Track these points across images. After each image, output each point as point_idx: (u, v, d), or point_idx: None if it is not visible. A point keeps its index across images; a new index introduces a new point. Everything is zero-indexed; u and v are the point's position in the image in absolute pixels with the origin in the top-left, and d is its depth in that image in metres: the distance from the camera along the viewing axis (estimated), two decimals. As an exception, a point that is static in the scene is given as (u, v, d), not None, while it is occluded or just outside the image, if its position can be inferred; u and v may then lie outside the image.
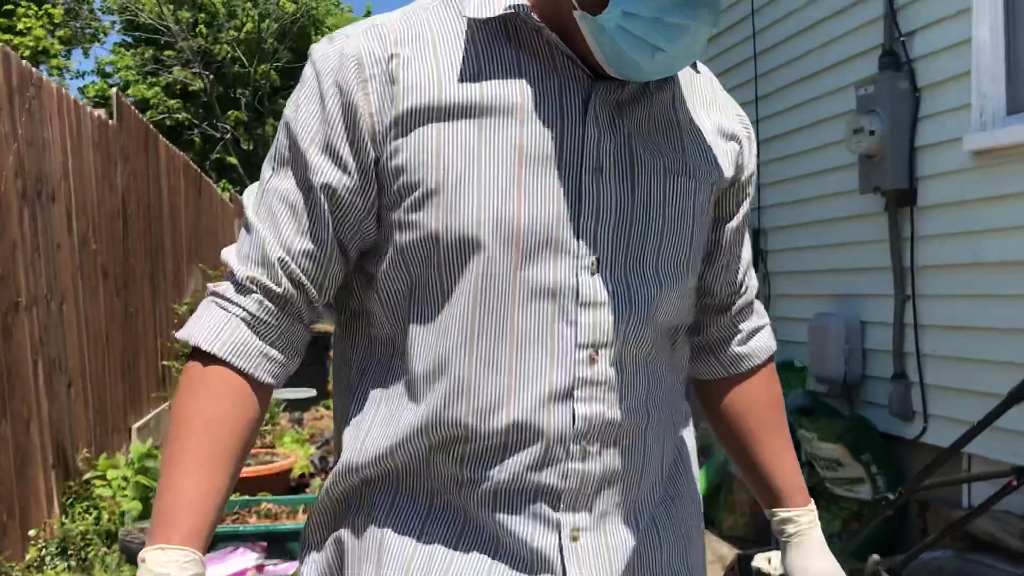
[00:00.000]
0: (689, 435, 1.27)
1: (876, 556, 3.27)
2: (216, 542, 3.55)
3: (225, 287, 1.05)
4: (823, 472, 4.19)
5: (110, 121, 5.64)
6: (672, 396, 1.18)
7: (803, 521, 1.28)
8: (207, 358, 1.03)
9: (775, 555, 3.76)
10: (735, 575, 3.40)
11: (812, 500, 1.32)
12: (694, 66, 1.18)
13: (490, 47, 1.05)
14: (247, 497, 4.17)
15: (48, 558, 3.41)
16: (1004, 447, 3.32)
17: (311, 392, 7.14)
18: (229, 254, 1.07)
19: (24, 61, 4.16)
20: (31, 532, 3.58)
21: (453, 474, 1.06)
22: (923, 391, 3.90)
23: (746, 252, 1.27)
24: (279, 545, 3.72)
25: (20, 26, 17.34)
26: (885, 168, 3.91)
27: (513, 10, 1.02)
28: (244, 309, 1.04)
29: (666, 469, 1.19)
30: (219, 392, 1.02)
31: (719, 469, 4.68)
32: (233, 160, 23.27)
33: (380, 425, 1.08)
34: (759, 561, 3.58)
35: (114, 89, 7.00)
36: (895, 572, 3.19)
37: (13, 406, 3.70)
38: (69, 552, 3.49)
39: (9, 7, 17.67)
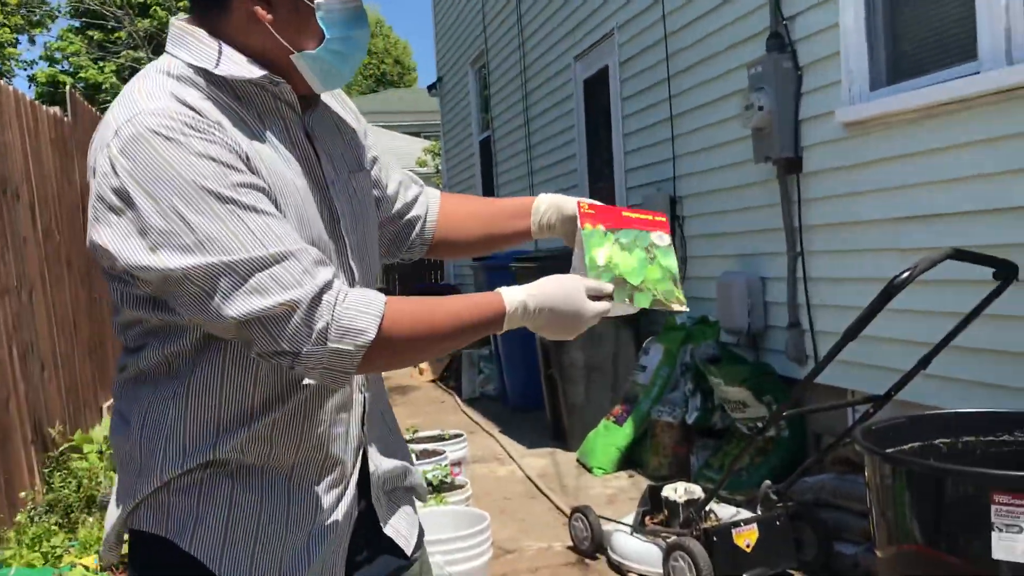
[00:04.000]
0: None
1: (768, 481, 3.76)
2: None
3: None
4: (733, 413, 4.67)
5: (65, 118, 5.95)
6: None
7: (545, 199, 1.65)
8: None
9: (680, 485, 4.24)
10: (646, 503, 3.88)
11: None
12: None
13: (229, 111, 1.31)
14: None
15: (36, 518, 3.81)
16: (877, 381, 3.80)
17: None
18: None
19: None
20: (22, 494, 3.98)
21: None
22: (813, 337, 4.39)
23: (396, 173, 1.67)
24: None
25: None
26: (774, 140, 4.36)
27: (267, 79, 1.34)
28: None
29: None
30: None
31: (644, 417, 5.14)
32: (186, 142, 23.34)
33: None
34: (667, 491, 4.09)
35: (68, 86, 7.26)
36: (782, 493, 3.69)
37: (-7, 388, 4.07)
38: (56, 512, 3.89)
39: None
